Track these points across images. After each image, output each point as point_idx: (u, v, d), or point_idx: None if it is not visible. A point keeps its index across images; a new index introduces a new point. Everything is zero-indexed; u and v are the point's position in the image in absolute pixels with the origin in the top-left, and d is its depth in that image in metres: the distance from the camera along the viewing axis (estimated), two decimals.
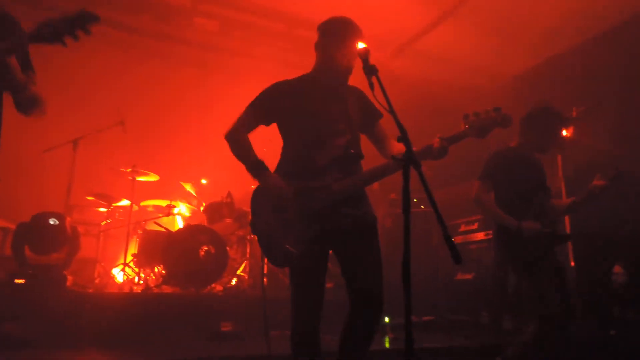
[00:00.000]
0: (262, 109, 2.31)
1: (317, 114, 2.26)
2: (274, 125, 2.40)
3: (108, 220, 5.72)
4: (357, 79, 2.35)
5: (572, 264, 4.45)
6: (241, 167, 2.31)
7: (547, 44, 5.88)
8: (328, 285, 2.28)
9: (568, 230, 4.38)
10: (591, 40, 5.59)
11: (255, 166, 2.20)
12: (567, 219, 4.44)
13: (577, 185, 4.29)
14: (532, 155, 3.18)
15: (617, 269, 4.38)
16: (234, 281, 5.39)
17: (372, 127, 2.40)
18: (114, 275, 5.40)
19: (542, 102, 3.19)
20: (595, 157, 4.56)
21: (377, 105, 2.07)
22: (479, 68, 6.55)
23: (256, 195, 2.27)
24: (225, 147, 2.33)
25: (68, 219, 4.58)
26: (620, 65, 4.88)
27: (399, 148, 2.22)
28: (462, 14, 5.55)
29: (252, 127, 2.33)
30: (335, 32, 2.32)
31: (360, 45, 2.08)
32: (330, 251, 2.27)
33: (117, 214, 5.85)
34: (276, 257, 2.18)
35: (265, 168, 2.20)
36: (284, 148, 2.36)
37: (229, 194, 5.54)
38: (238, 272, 5.44)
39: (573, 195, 3.17)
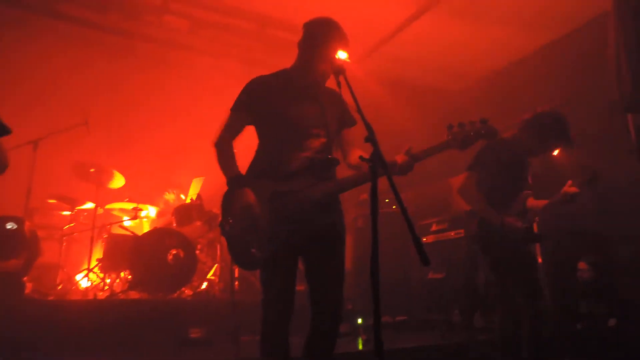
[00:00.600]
0: (244, 110, 2.28)
1: (293, 115, 2.22)
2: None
3: (71, 224, 5.51)
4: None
5: (540, 260, 4.54)
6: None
7: (514, 46, 6.00)
8: (299, 287, 2.24)
9: (535, 227, 4.46)
10: (557, 41, 5.74)
11: (233, 181, 2.18)
12: None
13: (544, 184, 4.38)
14: (521, 151, 3.10)
15: (582, 265, 4.49)
16: (204, 285, 5.27)
17: (342, 132, 2.39)
18: (77, 282, 5.20)
19: (556, 112, 3.05)
20: (558, 159, 4.66)
21: (351, 106, 2.05)
22: (447, 69, 6.63)
23: (227, 197, 2.23)
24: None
25: (27, 223, 4.38)
26: (585, 65, 5.01)
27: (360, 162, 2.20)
28: (432, 15, 5.59)
29: (238, 130, 2.30)
30: (321, 34, 2.25)
31: (342, 54, 2.07)
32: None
33: (81, 218, 5.64)
34: (242, 260, 2.17)
35: (243, 185, 2.16)
36: (259, 147, 2.33)
37: (199, 196, 5.42)
38: (208, 276, 5.32)
39: (539, 194, 3.17)
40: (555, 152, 3.14)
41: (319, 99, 2.29)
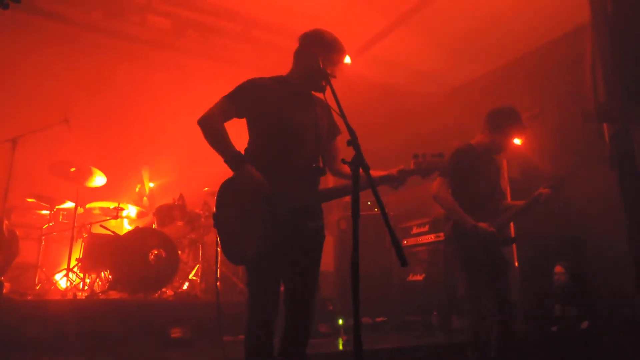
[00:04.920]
0: (238, 101, 2.25)
1: (289, 121, 2.25)
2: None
3: (50, 223, 5.44)
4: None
5: (517, 264, 4.65)
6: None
7: (494, 54, 6.14)
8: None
9: (512, 230, 4.58)
10: (535, 50, 5.89)
11: (235, 158, 2.12)
12: None
13: (522, 187, 4.49)
14: (489, 155, 3.26)
15: (558, 268, 4.61)
16: (185, 286, 5.26)
17: (330, 142, 2.44)
18: (56, 282, 5.13)
19: (501, 106, 3.26)
20: (540, 161, 4.79)
21: (337, 116, 2.12)
22: (429, 75, 6.74)
23: (224, 188, 2.26)
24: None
25: (5, 222, 4.31)
26: (563, 73, 5.15)
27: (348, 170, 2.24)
28: (413, 23, 5.70)
29: (227, 117, 2.25)
30: (324, 45, 2.30)
31: (347, 60, 2.22)
32: None
33: (60, 217, 5.57)
34: (232, 254, 2.19)
35: (246, 160, 2.12)
36: (251, 143, 2.33)
37: (181, 196, 5.40)
38: (190, 277, 5.31)
39: (518, 197, 3.30)
40: (517, 141, 3.31)
41: (313, 108, 2.36)
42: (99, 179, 5.49)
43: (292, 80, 2.37)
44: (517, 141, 3.32)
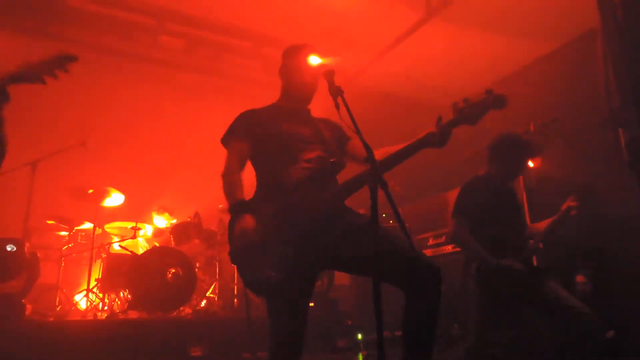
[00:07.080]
0: (240, 138, 2.24)
1: (287, 136, 2.20)
2: None
3: (70, 245, 5.52)
4: (322, 98, 2.36)
5: None
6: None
7: (506, 62, 6.11)
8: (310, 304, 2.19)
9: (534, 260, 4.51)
10: (547, 56, 5.84)
11: (232, 208, 2.10)
12: None
13: (538, 197, 4.42)
14: (502, 184, 3.11)
15: (579, 278, 4.50)
16: (203, 303, 5.27)
17: (345, 148, 2.37)
18: (76, 302, 5.19)
19: (506, 133, 3.13)
20: (556, 170, 4.72)
21: (343, 125, 2.06)
22: (441, 85, 6.73)
23: (230, 224, 2.14)
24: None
25: (27, 245, 4.39)
26: (576, 79, 5.10)
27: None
28: (419, 35, 5.71)
29: (243, 160, 2.24)
30: (291, 55, 2.35)
31: (315, 59, 2.13)
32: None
33: (79, 238, 5.65)
34: (257, 286, 2.02)
35: (242, 211, 2.06)
36: (258, 175, 2.29)
37: (197, 214, 5.44)
38: (207, 294, 5.33)
39: (536, 209, 3.22)
40: (531, 164, 3.20)
41: (311, 122, 2.32)
42: (116, 200, 5.56)
43: (282, 102, 2.39)
44: (531, 164, 3.21)
